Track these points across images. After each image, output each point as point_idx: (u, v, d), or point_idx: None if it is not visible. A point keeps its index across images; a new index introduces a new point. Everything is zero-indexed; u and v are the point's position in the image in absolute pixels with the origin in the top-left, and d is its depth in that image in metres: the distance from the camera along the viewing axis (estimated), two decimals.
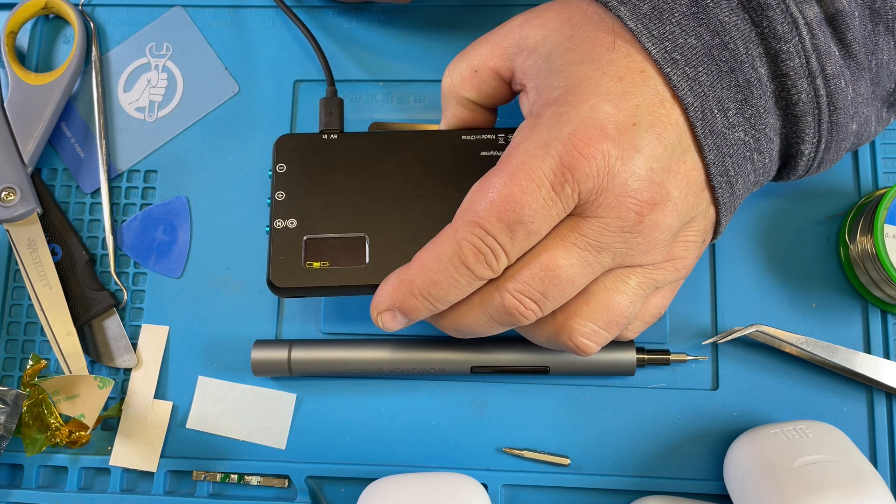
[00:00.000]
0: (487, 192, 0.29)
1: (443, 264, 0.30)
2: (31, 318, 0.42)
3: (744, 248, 0.40)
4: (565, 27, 0.31)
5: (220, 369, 0.40)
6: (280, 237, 0.34)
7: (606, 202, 0.28)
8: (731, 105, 0.29)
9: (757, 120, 0.30)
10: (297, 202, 0.35)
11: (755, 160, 0.31)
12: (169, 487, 0.40)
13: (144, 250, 0.42)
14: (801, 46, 0.29)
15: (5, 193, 0.41)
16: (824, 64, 0.29)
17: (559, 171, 0.28)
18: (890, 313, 0.38)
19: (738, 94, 0.29)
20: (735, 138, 0.30)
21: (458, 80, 0.35)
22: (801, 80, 0.29)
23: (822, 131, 0.31)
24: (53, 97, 0.42)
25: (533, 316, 0.30)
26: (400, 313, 0.32)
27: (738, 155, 0.30)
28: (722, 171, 0.30)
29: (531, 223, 0.28)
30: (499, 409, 0.39)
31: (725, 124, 0.29)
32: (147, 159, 0.43)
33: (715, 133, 0.29)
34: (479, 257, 0.29)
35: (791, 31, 0.29)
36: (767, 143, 0.31)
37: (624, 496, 0.38)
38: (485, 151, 0.36)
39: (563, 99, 0.29)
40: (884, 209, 0.35)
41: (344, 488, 0.39)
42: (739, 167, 0.30)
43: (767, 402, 0.38)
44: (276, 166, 0.36)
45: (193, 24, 0.45)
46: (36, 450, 0.39)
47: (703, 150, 0.29)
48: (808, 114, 0.30)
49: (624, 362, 0.37)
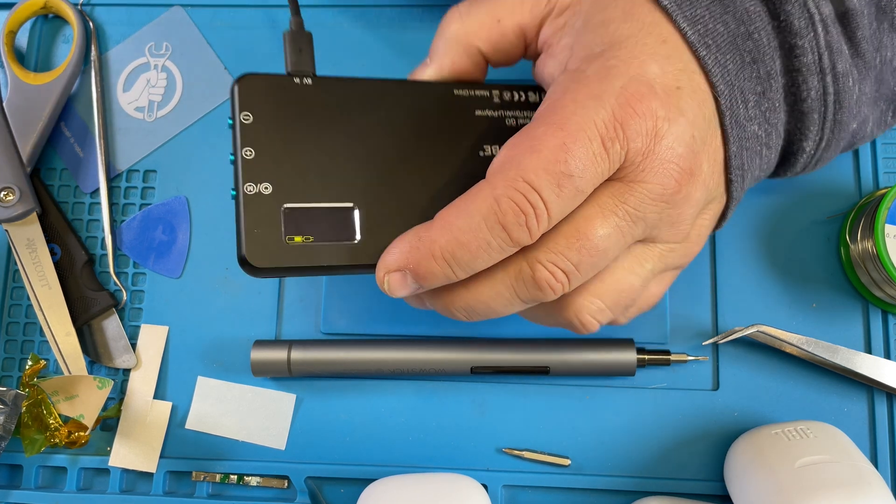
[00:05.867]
0: (533, 143, 0.26)
1: (475, 224, 0.26)
2: (31, 318, 0.42)
3: (744, 248, 0.40)
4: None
5: (220, 369, 0.40)
6: (253, 205, 0.29)
7: (651, 166, 0.27)
8: (751, 97, 0.29)
9: (771, 114, 0.30)
10: (270, 162, 0.29)
11: (763, 155, 0.31)
12: (168, 488, 0.40)
13: (144, 250, 0.42)
14: (816, 43, 0.29)
15: (4, 193, 0.41)
16: (835, 62, 0.29)
17: (611, 126, 0.26)
18: (891, 313, 0.38)
19: (758, 87, 0.29)
20: (751, 132, 0.29)
21: (473, 27, 0.31)
22: (813, 76, 0.29)
23: (825, 129, 0.31)
24: (52, 97, 0.42)
25: (560, 290, 0.28)
26: (412, 277, 0.28)
27: (752, 149, 0.30)
28: (739, 164, 0.30)
29: (580, 179, 0.26)
30: (499, 409, 0.39)
31: (745, 116, 0.29)
32: (146, 159, 0.43)
33: (738, 124, 0.29)
34: (519, 217, 0.26)
35: (807, 26, 0.29)
36: (776, 139, 0.31)
37: (624, 496, 0.38)
38: (480, 111, 0.32)
39: (608, 54, 0.28)
40: (884, 209, 0.35)
41: (344, 488, 0.39)
42: (751, 161, 0.30)
43: (768, 402, 0.38)
44: (240, 115, 0.29)
45: (193, 24, 0.44)
46: (35, 450, 0.39)
47: (728, 140, 0.29)
48: (815, 111, 0.30)
49: (624, 362, 0.37)
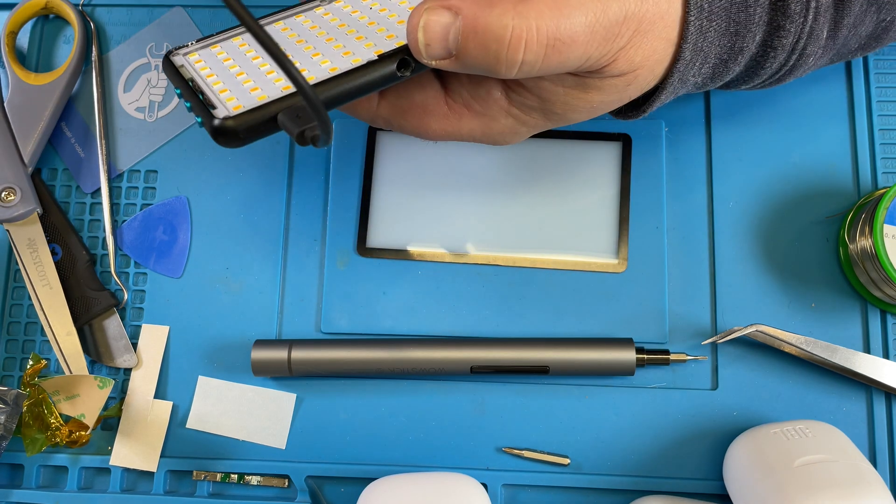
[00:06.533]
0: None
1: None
2: (32, 317, 0.42)
3: (743, 248, 0.40)
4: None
5: (220, 369, 0.40)
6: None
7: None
8: (708, 63, 0.31)
9: (721, 77, 0.33)
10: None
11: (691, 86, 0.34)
12: (169, 487, 0.40)
13: (145, 250, 0.42)
14: (802, 28, 0.31)
15: (5, 193, 0.41)
16: (807, 45, 0.32)
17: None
18: (889, 313, 0.39)
19: (724, 55, 0.31)
20: (691, 83, 0.32)
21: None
22: (783, 54, 0.32)
23: (765, 83, 0.35)
24: (53, 97, 0.42)
25: None
26: (466, 24, 0.27)
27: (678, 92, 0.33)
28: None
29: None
30: (499, 409, 0.39)
31: (693, 73, 0.32)
32: (147, 159, 0.43)
33: (682, 81, 0.32)
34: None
35: (801, 12, 0.30)
36: (711, 85, 0.34)
37: (623, 496, 0.38)
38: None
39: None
40: (883, 209, 0.35)
41: (344, 488, 0.39)
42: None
43: (767, 401, 0.38)
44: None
45: (193, 25, 0.45)
46: (36, 449, 0.39)
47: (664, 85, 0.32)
48: (766, 74, 0.33)
49: (624, 362, 0.37)
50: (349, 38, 0.31)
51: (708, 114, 0.42)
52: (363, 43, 0.30)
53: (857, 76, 0.41)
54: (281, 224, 0.42)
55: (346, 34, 0.31)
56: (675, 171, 0.41)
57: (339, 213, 0.41)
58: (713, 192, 0.40)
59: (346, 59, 0.30)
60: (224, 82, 0.29)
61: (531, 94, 0.31)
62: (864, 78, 0.41)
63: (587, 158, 0.41)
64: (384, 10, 0.32)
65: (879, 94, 0.41)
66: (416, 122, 0.33)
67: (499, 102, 0.32)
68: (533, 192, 0.41)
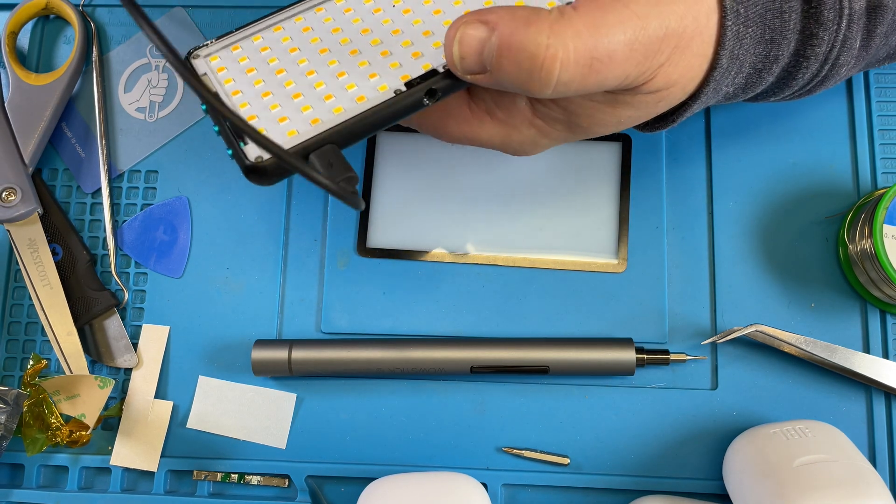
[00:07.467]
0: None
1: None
2: (32, 317, 0.42)
3: (743, 247, 0.40)
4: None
5: (221, 369, 0.40)
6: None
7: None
8: (743, 73, 0.31)
9: (753, 88, 0.32)
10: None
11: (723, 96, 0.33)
12: (169, 487, 0.40)
13: (145, 250, 0.42)
14: (835, 37, 0.30)
15: (6, 193, 0.41)
16: (840, 54, 0.31)
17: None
18: (889, 313, 0.39)
19: (759, 64, 0.30)
20: (723, 93, 0.32)
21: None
22: (816, 64, 0.31)
23: (795, 95, 0.34)
24: (54, 97, 0.43)
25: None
26: (500, 39, 0.26)
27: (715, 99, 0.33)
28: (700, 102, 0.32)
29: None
30: (499, 409, 0.39)
31: (727, 84, 0.31)
32: (148, 159, 0.43)
33: (716, 90, 0.31)
34: None
35: (834, 19, 0.29)
36: (742, 96, 0.33)
37: (623, 496, 0.38)
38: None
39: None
40: (883, 209, 0.35)
41: (344, 488, 0.39)
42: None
43: (767, 401, 0.38)
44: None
45: (194, 24, 0.45)
46: (36, 449, 0.39)
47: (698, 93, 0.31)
48: (798, 86, 0.32)
49: (623, 362, 0.37)
50: (374, 51, 0.30)
51: (708, 114, 0.42)
52: (388, 62, 0.30)
53: (857, 76, 0.41)
54: (281, 224, 0.42)
55: (370, 45, 0.30)
56: (675, 171, 0.41)
57: (340, 213, 0.41)
58: (713, 192, 0.40)
59: (372, 85, 0.29)
60: (251, 104, 0.29)
61: (558, 105, 0.31)
62: (864, 78, 0.41)
63: (587, 158, 0.41)
64: (408, 11, 0.31)
65: (879, 95, 0.41)
66: (436, 122, 0.33)
67: (523, 112, 0.32)
68: (533, 192, 0.41)
